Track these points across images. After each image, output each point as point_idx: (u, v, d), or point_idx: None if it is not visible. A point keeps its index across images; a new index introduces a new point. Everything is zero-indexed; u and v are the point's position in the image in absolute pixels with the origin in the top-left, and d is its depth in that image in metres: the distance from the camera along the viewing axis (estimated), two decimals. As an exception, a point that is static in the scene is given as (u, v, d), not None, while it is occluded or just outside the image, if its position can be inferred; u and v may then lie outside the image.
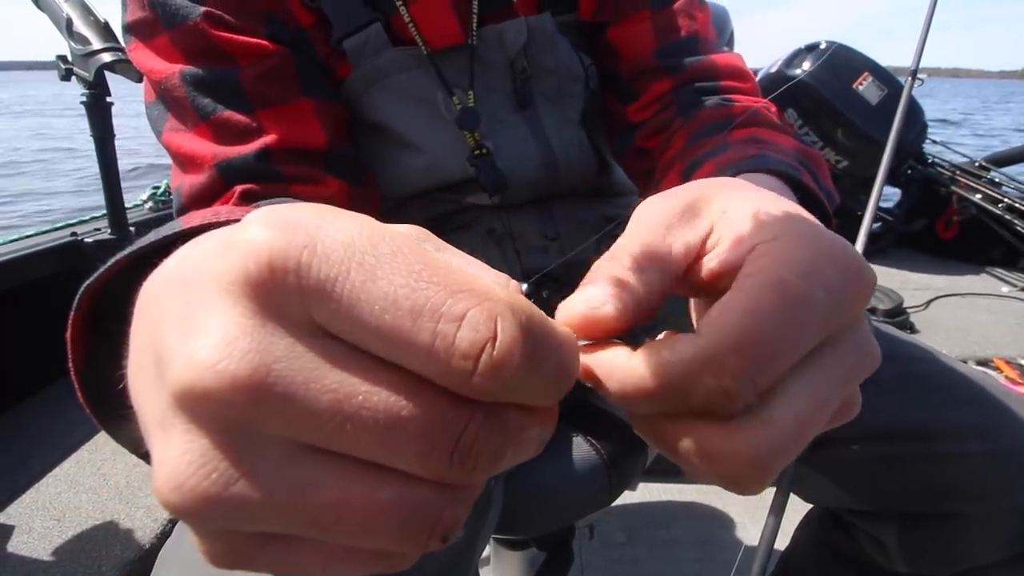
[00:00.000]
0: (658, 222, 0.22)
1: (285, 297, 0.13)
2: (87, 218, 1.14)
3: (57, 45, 0.92)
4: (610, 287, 0.19)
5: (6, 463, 0.81)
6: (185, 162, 0.43)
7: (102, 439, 0.86)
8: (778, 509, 0.42)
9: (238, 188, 0.41)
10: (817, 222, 0.21)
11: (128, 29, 0.44)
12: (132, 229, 1.05)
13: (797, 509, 0.56)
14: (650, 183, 0.51)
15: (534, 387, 0.14)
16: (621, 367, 0.18)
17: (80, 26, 0.85)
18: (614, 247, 0.22)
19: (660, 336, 0.19)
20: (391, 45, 0.47)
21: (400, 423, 0.13)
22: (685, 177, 0.42)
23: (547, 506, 0.52)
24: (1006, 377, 1.12)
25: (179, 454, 0.13)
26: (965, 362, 1.17)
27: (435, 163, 0.49)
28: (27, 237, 1.01)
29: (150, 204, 1.29)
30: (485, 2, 0.47)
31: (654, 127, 0.52)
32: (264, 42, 0.43)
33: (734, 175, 0.34)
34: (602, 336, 0.19)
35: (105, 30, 0.87)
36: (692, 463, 0.18)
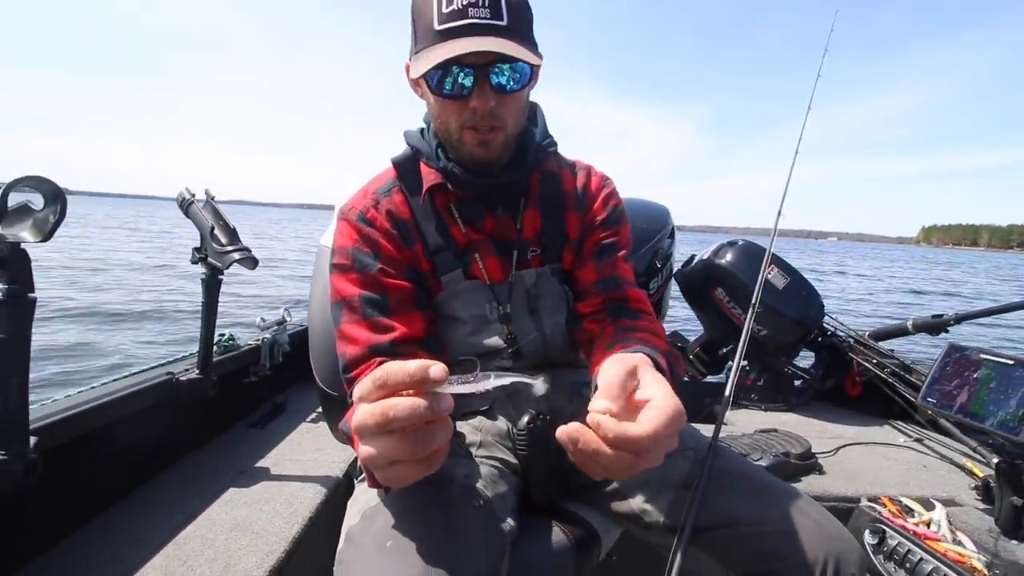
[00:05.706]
0: (619, 373, 0.59)
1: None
2: (175, 358, 1.45)
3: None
4: (610, 402, 0.55)
5: (112, 553, 1.02)
6: (349, 341, 0.83)
7: (201, 520, 1.08)
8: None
9: (376, 360, 0.78)
10: (669, 387, 0.58)
11: (333, 266, 0.86)
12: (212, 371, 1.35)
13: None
14: (591, 349, 0.91)
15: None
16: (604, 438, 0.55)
17: (218, 231, 1.24)
18: (603, 386, 0.56)
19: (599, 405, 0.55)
20: (464, 279, 0.90)
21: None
22: (607, 349, 0.77)
23: (536, 571, 0.78)
24: (888, 510, 1.36)
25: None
26: (858, 500, 1.46)
27: (478, 338, 0.91)
28: (135, 374, 1.31)
29: (216, 348, 1.60)
30: (519, 261, 0.92)
31: (592, 318, 0.95)
32: (403, 282, 0.86)
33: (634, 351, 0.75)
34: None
35: (233, 233, 1.26)
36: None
